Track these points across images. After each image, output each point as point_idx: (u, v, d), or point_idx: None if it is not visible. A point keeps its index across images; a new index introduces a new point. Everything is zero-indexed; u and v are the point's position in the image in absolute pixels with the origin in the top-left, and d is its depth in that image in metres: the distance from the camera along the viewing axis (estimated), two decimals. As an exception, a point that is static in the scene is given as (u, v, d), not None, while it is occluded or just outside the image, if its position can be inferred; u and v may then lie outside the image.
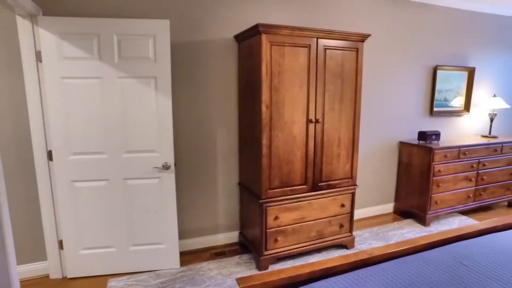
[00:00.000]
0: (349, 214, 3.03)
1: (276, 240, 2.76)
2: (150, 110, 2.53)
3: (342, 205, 2.97)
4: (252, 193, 2.81)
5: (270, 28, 2.42)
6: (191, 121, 2.93)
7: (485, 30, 4.33)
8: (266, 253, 2.74)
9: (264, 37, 2.43)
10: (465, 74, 4.24)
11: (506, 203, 4.40)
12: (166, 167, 2.60)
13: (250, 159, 2.82)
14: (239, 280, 1.51)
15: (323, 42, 2.65)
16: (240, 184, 3.12)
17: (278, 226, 2.74)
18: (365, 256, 1.72)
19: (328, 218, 2.94)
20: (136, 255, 2.70)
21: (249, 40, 2.68)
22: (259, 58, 2.48)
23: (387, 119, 3.82)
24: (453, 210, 3.81)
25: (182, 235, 3.07)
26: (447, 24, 4.00)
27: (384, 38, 3.62)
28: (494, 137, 4.24)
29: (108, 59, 2.40)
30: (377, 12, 3.53)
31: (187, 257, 3.00)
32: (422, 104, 4.02)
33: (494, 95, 4.32)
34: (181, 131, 2.91)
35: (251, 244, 2.95)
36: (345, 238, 3.06)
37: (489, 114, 4.32)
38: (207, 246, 3.18)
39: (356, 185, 3.01)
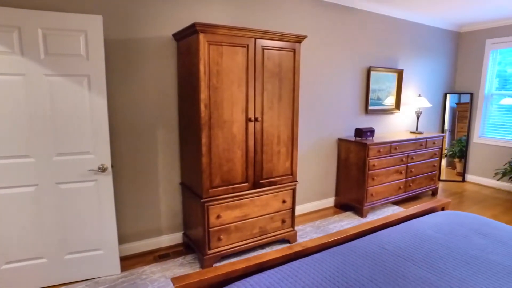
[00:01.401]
0: (291, 209, 3.14)
1: (219, 239, 2.77)
2: (83, 110, 2.40)
3: (284, 201, 3.07)
4: (194, 192, 2.80)
5: (207, 28, 2.42)
6: (129, 121, 2.84)
7: (411, 37, 4.72)
8: (210, 252, 2.74)
9: (201, 36, 2.42)
10: (395, 75, 4.59)
11: (430, 192, 4.83)
12: (102, 169, 2.49)
13: (191, 158, 2.80)
14: (174, 280, 1.50)
15: (261, 42, 2.71)
16: (182, 184, 3.09)
17: (221, 224, 2.76)
18: (299, 249, 1.80)
19: (270, 215, 3.02)
20: (71, 264, 2.56)
21: (187, 39, 2.66)
22: (197, 57, 2.47)
23: (326, 117, 4.00)
24: (387, 201, 4.11)
25: (123, 239, 2.96)
26: (379, 29, 4.29)
27: (322, 40, 3.79)
28: (420, 133, 4.65)
29: (33, 55, 2.23)
30: (315, 15, 3.68)
31: (129, 261, 2.90)
32: (358, 103, 4.28)
33: (419, 95, 4.73)
34: (119, 131, 2.81)
35: (195, 244, 2.93)
36: (288, 233, 3.16)
37: (416, 112, 4.72)
38: (150, 249, 3.10)
39: (296, 181, 3.12)
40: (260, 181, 2.90)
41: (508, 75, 5.08)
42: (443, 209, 2.62)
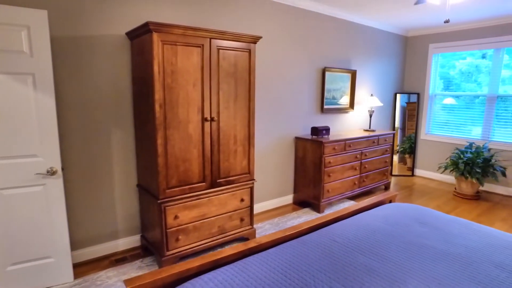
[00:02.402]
0: (249, 207, 3.19)
1: (177, 239, 2.75)
2: (28, 111, 2.28)
3: (242, 200, 3.10)
4: (151, 193, 2.75)
5: (161, 27, 2.40)
6: (82, 121, 2.73)
7: (364, 39, 4.96)
8: (168, 253, 2.72)
9: (155, 36, 2.40)
10: (349, 75, 4.79)
11: (383, 187, 5.10)
12: (51, 173, 2.38)
13: (147, 159, 2.76)
14: (126, 282, 1.48)
15: (217, 42, 2.73)
16: (139, 185, 3.03)
17: (179, 225, 2.74)
18: (253, 245, 1.84)
19: (229, 213, 3.05)
20: (17, 275, 2.40)
21: (140, 38, 2.62)
22: (151, 56, 2.44)
23: (283, 116, 4.10)
24: (343, 196, 4.28)
25: (76, 245, 2.84)
26: (333, 31, 4.47)
27: (278, 41, 3.88)
28: (373, 130, 4.90)
29: (-32, 52, 2.09)
30: (271, 16, 3.76)
31: (83, 268, 2.79)
32: (314, 102, 4.43)
33: (371, 95, 4.98)
34: (70, 132, 2.69)
35: (153, 246, 2.89)
36: (247, 231, 3.21)
37: (369, 111, 4.97)
38: (106, 253, 3.01)
39: (254, 179, 3.17)
40: (218, 181, 2.92)
41: (451, 77, 5.49)
42: (390, 201, 2.79)
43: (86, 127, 2.76)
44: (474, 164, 4.57)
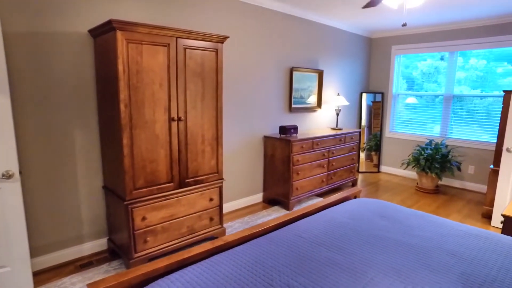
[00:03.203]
0: (218, 207, 3.19)
1: (145, 241, 2.71)
2: (-18, 111, 2.17)
3: (211, 199, 3.11)
4: (117, 195, 2.70)
5: (125, 25, 2.35)
6: (42, 122, 2.62)
7: (330, 40, 5.10)
8: (136, 255, 2.67)
9: (119, 34, 2.35)
10: (316, 75, 4.91)
11: (351, 184, 5.27)
12: (7, 176, 2.27)
13: (113, 160, 2.70)
14: (90, 286, 1.45)
15: (183, 42, 2.71)
16: (105, 187, 2.95)
17: (147, 226, 2.70)
18: (220, 243, 1.85)
19: (198, 213, 3.04)
20: (-29, 284, 2.29)
21: (104, 36, 2.56)
22: (115, 55, 2.39)
23: (252, 115, 4.13)
24: (311, 193, 4.38)
25: (37, 251, 2.73)
26: (301, 32, 4.55)
27: (246, 40, 3.90)
28: (340, 129, 5.04)
29: None
30: (239, 16, 3.78)
31: (45, 275, 2.69)
32: (282, 101, 4.50)
33: (338, 94, 5.13)
34: (30, 133, 2.58)
35: (120, 249, 2.83)
36: (217, 230, 3.21)
37: (336, 110, 5.11)
38: (71, 258, 2.91)
39: (223, 179, 3.18)
40: (186, 180, 2.90)
41: (414, 77, 5.76)
42: (355, 197, 2.89)
43: (47, 128, 2.66)
44: (433, 160, 4.83)
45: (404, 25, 2.58)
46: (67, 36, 2.66)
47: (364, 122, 6.19)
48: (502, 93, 4.57)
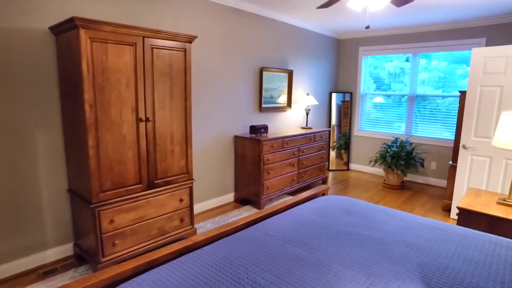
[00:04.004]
0: (189, 207, 3.18)
1: (114, 244, 2.66)
2: None
3: (181, 200, 3.09)
4: (83, 198, 2.62)
5: (89, 23, 2.29)
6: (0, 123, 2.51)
7: (300, 41, 5.19)
8: (104, 259, 2.61)
9: (82, 32, 2.29)
10: (286, 75, 4.98)
11: (321, 182, 5.39)
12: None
13: (78, 162, 2.62)
14: (52, 292, 1.41)
15: (150, 41, 2.68)
16: (70, 190, 2.86)
17: (115, 229, 2.65)
18: (189, 243, 1.85)
19: (168, 214, 3.01)
20: None
21: (66, 34, 2.48)
22: (78, 54, 2.32)
23: (222, 115, 4.14)
24: (282, 192, 4.44)
25: (-4, 259, 2.61)
26: (270, 32, 4.60)
27: (216, 40, 3.90)
28: (310, 128, 5.14)
29: None
30: (207, 16, 3.77)
31: (5, 285, 2.56)
32: (253, 101, 4.53)
33: (308, 94, 5.23)
34: (-15, 136, 2.46)
35: (87, 253, 2.75)
36: (187, 231, 3.19)
37: (305, 109, 5.21)
38: (33, 266, 2.79)
39: (193, 179, 3.17)
40: (155, 182, 2.87)
41: (382, 77, 5.97)
42: (323, 194, 2.97)
43: (5, 130, 2.54)
44: (399, 157, 5.03)
45: (367, 27, 2.68)
46: (26, 33, 2.55)
47: (334, 121, 6.34)
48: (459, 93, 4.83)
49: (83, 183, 2.59)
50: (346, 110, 6.33)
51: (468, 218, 2.52)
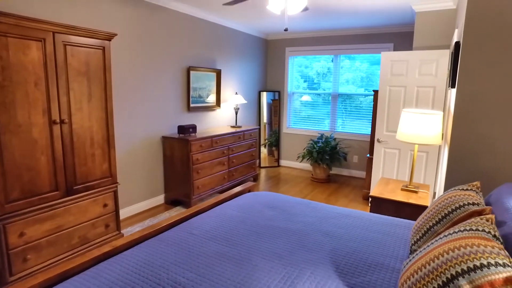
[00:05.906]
0: (114, 212, 3.04)
1: (25, 259, 2.44)
2: None
3: (105, 205, 2.94)
4: (-13, 211, 2.36)
5: (-15, 16, 2.07)
6: None
7: (228, 40, 5.24)
8: (13, 278, 2.38)
9: (-23, 26, 2.06)
10: (214, 75, 5.00)
11: (252, 179, 5.52)
12: None
13: (-21, 171, 2.35)
14: None
15: (62, 37, 2.50)
16: (-29, 203, 2.56)
17: (26, 242, 2.43)
18: (108, 249, 1.79)
19: (91, 221, 2.85)
20: None
21: (-42, 28, 2.20)
22: (-27, 50, 2.09)
23: (149, 116, 4.02)
24: (214, 191, 4.46)
25: None
26: (197, 31, 4.57)
27: (139, 39, 3.76)
28: (239, 126, 5.23)
29: None
30: (129, 13, 3.61)
31: None
32: (180, 101, 4.47)
33: (236, 93, 5.31)
34: None
35: (-6, 271, 2.49)
36: (113, 237, 3.06)
37: (234, 108, 5.29)
38: None
39: (117, 183, 3.04)
40: (75, 187, 2.70)
41: (311, 77, 6.29)
42: (250, 191, 3.06)
43: None
44: (324, 152, 5.37)
45: (286, 30, 2.82)
46: None
47: (265, 119, 6.53)
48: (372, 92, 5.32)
49: (-15, 193, 2.34)
50: (276, 108, 6.56)
51: (379, 204, 2.80)
